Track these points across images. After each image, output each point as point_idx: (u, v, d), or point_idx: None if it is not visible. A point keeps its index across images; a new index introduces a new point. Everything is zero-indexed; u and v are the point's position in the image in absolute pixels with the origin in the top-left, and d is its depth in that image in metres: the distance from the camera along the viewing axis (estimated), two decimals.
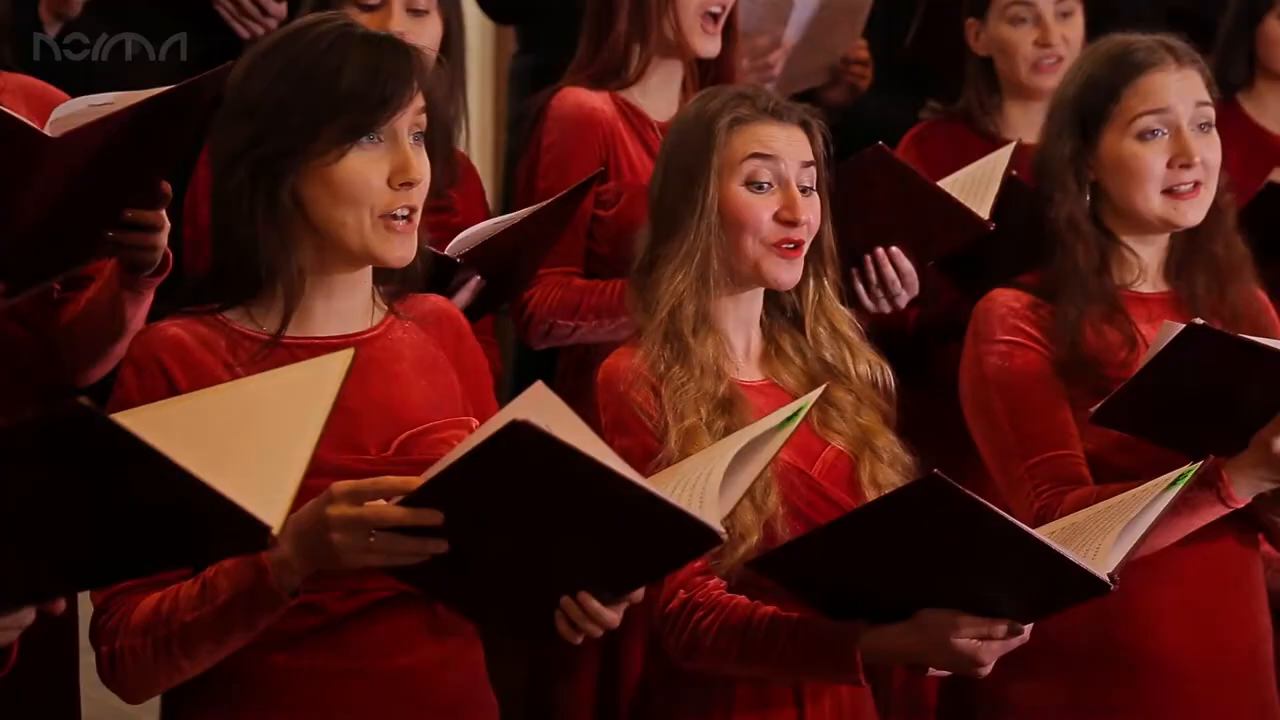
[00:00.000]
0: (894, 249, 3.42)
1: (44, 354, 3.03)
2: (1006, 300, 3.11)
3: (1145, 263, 3.15)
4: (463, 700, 2.54)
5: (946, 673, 2.70)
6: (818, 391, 2.72)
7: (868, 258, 3.41)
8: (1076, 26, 3.90)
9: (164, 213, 2.82)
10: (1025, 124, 3.88)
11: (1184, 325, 2.83)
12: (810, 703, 2.79)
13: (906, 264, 3.43)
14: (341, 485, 2.29)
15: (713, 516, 2.38)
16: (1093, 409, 2.95)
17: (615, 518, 2.30)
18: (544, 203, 3.31)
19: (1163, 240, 3.17)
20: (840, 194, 2.99)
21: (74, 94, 2.78)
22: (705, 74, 3.63)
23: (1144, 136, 3.09)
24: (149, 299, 2.94)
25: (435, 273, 3.00)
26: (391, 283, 2.56)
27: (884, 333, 3.08)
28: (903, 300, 3.45)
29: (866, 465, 2.83)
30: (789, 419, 2.56)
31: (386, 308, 2.57)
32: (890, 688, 3.05)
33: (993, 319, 3.10)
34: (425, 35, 3.39)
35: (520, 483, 2.25)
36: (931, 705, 3.44)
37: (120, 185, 2.76)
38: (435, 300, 2.65)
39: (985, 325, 3.10)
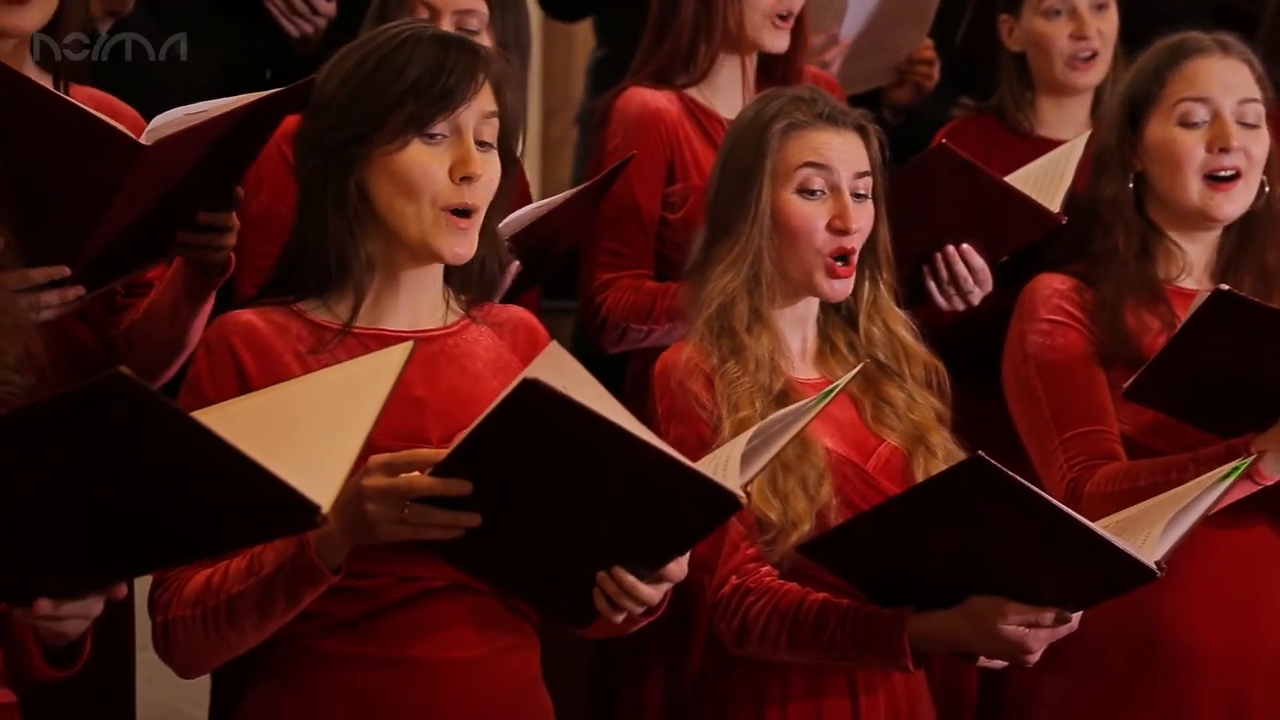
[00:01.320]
0: (965, 246, 3.40)
1: (106, 357, 3.06)
2: (1052, 283, 3.17)
3: (1190, 259, 3.18)
4: (514, 697, 2.54)
5: (997, 662, 2.71)
6: (855, 371, 2.73)
7: (938, 255, 3.40)
8: (1111, 20, 3.88)
9: (234, 214, 2.87)
10: (1059, 120, 3.88)
11: (1212, 290, 2.84)
12: (864, 693, 2.80)
13: (978, 260, 3.41)
14: (377, 458, 2.32)
15: (732, 481, 2.38)
16: (1125, 384, 2.97)
17: (633, 481, 2.31)
18: (580, 186, 3.32)
19: (1210, 239, 3.19)
20: (907, 193, 3.00)
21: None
22: (772, 72, 3.62)
23: (1186, 122, 3.13)
24: (210, 302, 2.98)
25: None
26: (470, 290, 2.60)
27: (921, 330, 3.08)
28: (976, 297, 3.42)
29: (920, 461, 2.85)
30: (824, 396, 2.57)
31: (463, 311, 2.60)
32: (931, 679, 3.06)
33: (1038, 299, 3.15)
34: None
35: (539, 445, 2.26)
36: (973, 702, 3.45)
37: (199, 189, 2.82)
38: (515, 310, 2.68)
39: (1030, 305, 3.16)
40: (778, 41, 3.56)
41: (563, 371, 2.25)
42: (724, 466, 2.42)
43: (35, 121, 2.62)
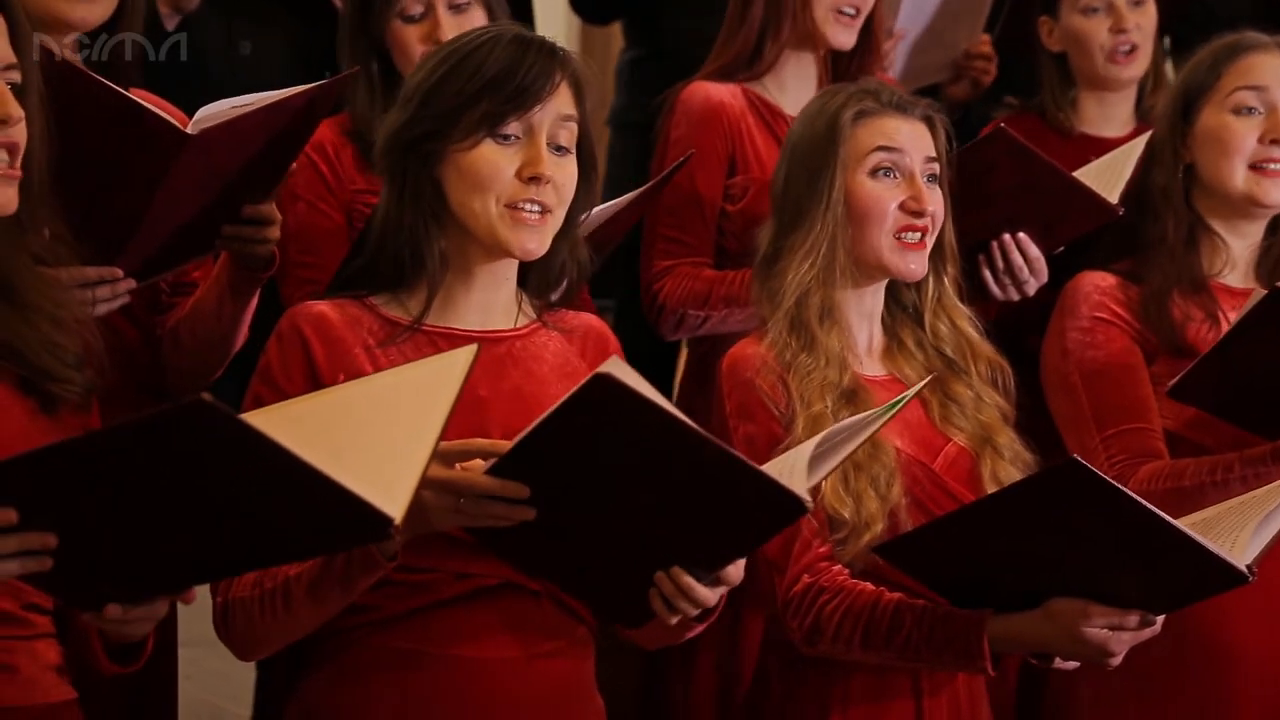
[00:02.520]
0: (1021, 235, 3.39)
1: (151, 355, 3.08)
2: (1094, 280, 3.19)
3: (1234, 255, 3.21)
4: (565, 698, 2.54)
5: (1071, 664, 2.70)
6: (926, 381, 2.73)
7: (994, 244, 3.40)
8: (1149, 14, 3.89)
9: (275, 208, 2.89)
10: (1102, 117, 3.89)
11: (1267, 291, 2.85)
12: (928, 695, 2.79)
13: (1034, 250, 3.39)
14: None
15: (799, 484, 2.37)
16: (1171, 382, 2.97)
17: (698, 481, 2.30)
18: (641, 189, 3.34)
19: (1255, 234, 3.22)
20: (963, 179, 3.00)
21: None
22: (841, 72, 3.62)
23: (1239, 111, 3.16)
24: (254, 299, 2.99)
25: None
26: (549, 293, 2.61)
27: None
28: (1031, 288, 3.41)
29: (988, 462, 2.84)
30: (894, 405, 2.58)
31: (534, 316, 2.61)
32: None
33: (1080, 297, 3.17)
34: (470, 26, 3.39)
35: (604, 442, 2.26)
36: (1012, 702, 3.45)
37: (243, 182, 2.84)
38: (587, 317, 2.68)
39: (1072, 302, 3.18)
40: (843, 36, 3.57)
41: (629, 379, 2.23)
42: (791, 469, 2.41)
43: (85, 111, 2.63)
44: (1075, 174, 3.40)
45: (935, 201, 2.87)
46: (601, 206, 3.28)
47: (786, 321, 2.83)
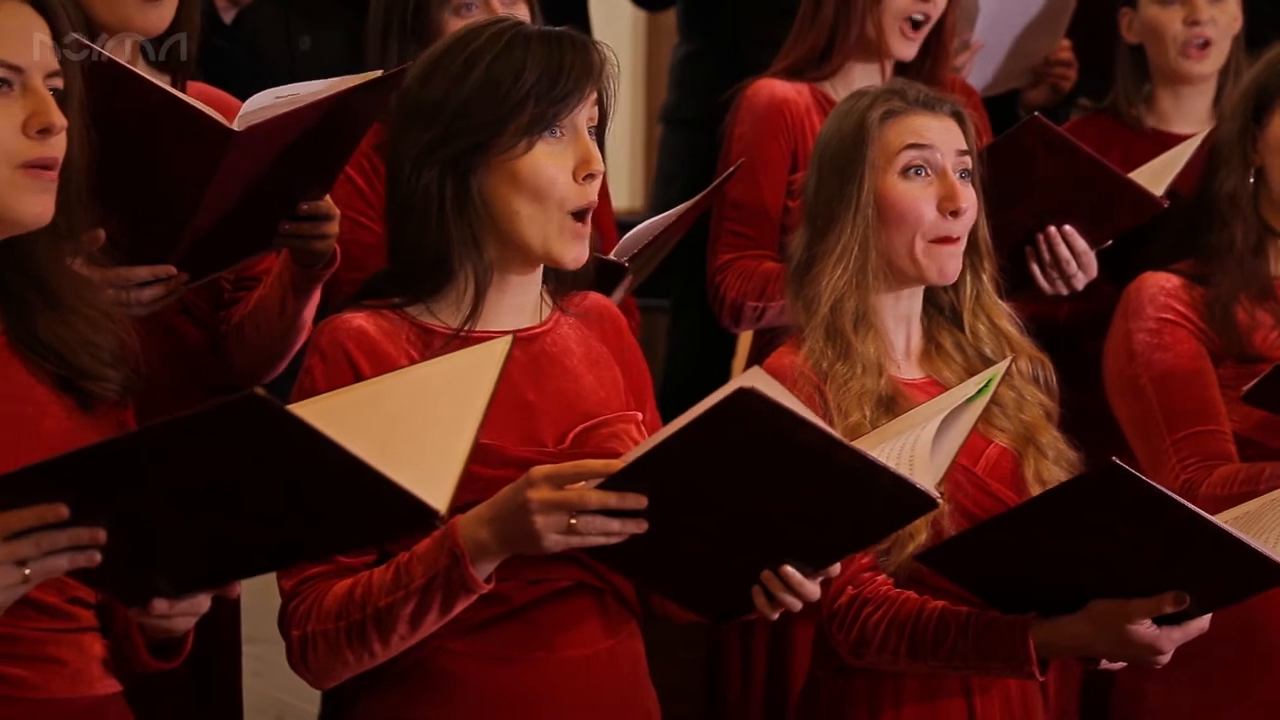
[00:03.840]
0: (1067, 228, 3.37)
1: (212, 354, 3.10)
2: (1158, 281, 3.14)
3: None
4: (628, 692, 2.56)
5: (1117, 664, 2.68)
6: (1007, 362, 2.72)
7: (1041, 237, 3.38)
8: (1229, 10, 3.84)
9: (332, 203, 2.89)
10: (1176, 114, 3.84)
11: None
12: (979, 695, 2.78)
13: (1081, 243, 3.38)
14: (541, 469, 2.31)
15: (928, 481, 2.37)
16: (1245, 389, 2.93)
17: (832, 487, 2.31)
18: (696, 198, 3.33)
19: None
20: (1005, 171, 2.98)
21: None
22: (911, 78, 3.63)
23: None
24: (317, 294, 3.00)
25: (602, 275, 3.04)
26: (561, 283, 2.59)
27: (1035, 326, 3.06)
28: (1079, 281, 3.40)
29: (1031, 462, 2.82)
30: (982, 389, 2.56)
31: (552, 304, 2.60)
32: (1045, 685, 3.04)
33: (1144, 298, 3.13)
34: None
35: (737, 455, 2.26)
36: (1077, 704, 3.43)
37: (298, 178, 2.84)
38: (595, 297, 2.66)
39: (1136, 303, 3.13)
40: (905, 48, 3.57)
41: (767, 386, 2.25)
42: (912, 462, 2.41)
43: (131, 110, 2.65)
44: (1132, 173, 3.38)
45: (969, 198, 2.84)
46: (647, 223, 3.29)
47: (822, 329, 2.81)
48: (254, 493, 2.05)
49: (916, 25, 3.58)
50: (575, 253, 2.49)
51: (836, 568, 2.44)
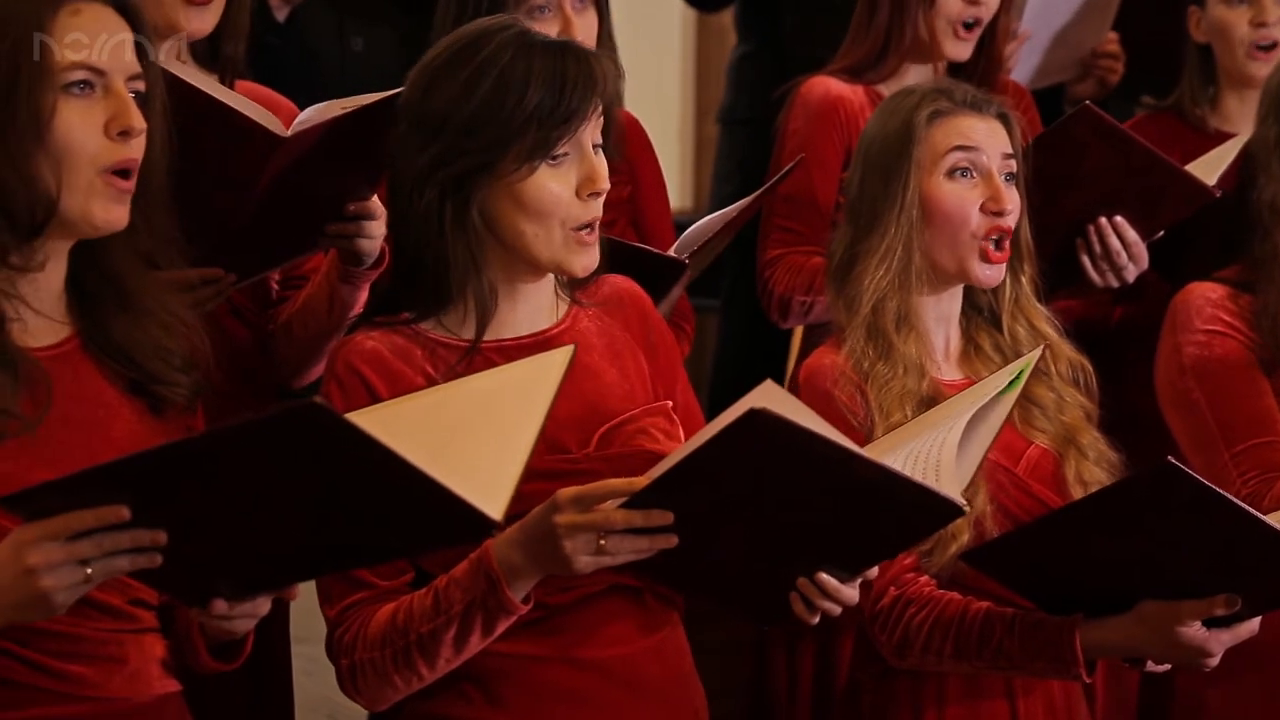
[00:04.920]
0: (1118, 219, 3.35)
1: (261, 354, 3.10)
2: (1204, 291, 3.09)
3: None
4: (672, 688, 2.56)
5: (1162, 666, 2.67)
6: (1038, 351, 2.71)
7: (1091, 228, 3.36)
8: None
9: (379, 202, 2.89)
10: (1241, 116, 3.79)
11: None
12: (1022, 696, 2.77)
13: (1132, 234, 3.36)
14: (567, 492, 2.31)
15: (953, 489, 2.36)
16: None
17: (855, 498, 2.31)
18: (754, 194, 3.33)
19: None
20: (1055, 161, 2.96)
21: None
22: (966, 79, 3.62)
23: None
24: (364, 292, 3.00)
25: (661, 272, 3.03)
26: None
27: (1086, 327, 3.04)
28: (1130, 274, 3.38)
29: (1072, 463, 2.81)
30: (1012, 382, 2.54)
31: (568, 299, 2.59)
32: (1093, 686, 3.02)
33: (1191, 309, 3.08)
34: (590, 28, 3.37)
35: (756, 472, 2.26)
36: (1133, 707, 3.40)
37: (345, 180, 2.86)
38: (614, 280, 2.64)
39: (1183, 316, 3.08)
40: (958, 50, 3.57)
41: (777, 401, 2.23)
42: (938, 469, 2.40)
43: (180, 115, 2.66)
44: (1187, 166, 3.35)
45: (1014, 200, 2.83)
46: (705, 220, 3.28)
47: (863, 329, 2.80)
48: (312, 499, 2.07)
49: (968, 27, 3.58)
50: (584, 262, 2.48)
51: (875, 570, 2.44)
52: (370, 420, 2.10)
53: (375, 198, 2.91)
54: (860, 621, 2.78)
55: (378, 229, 2.91)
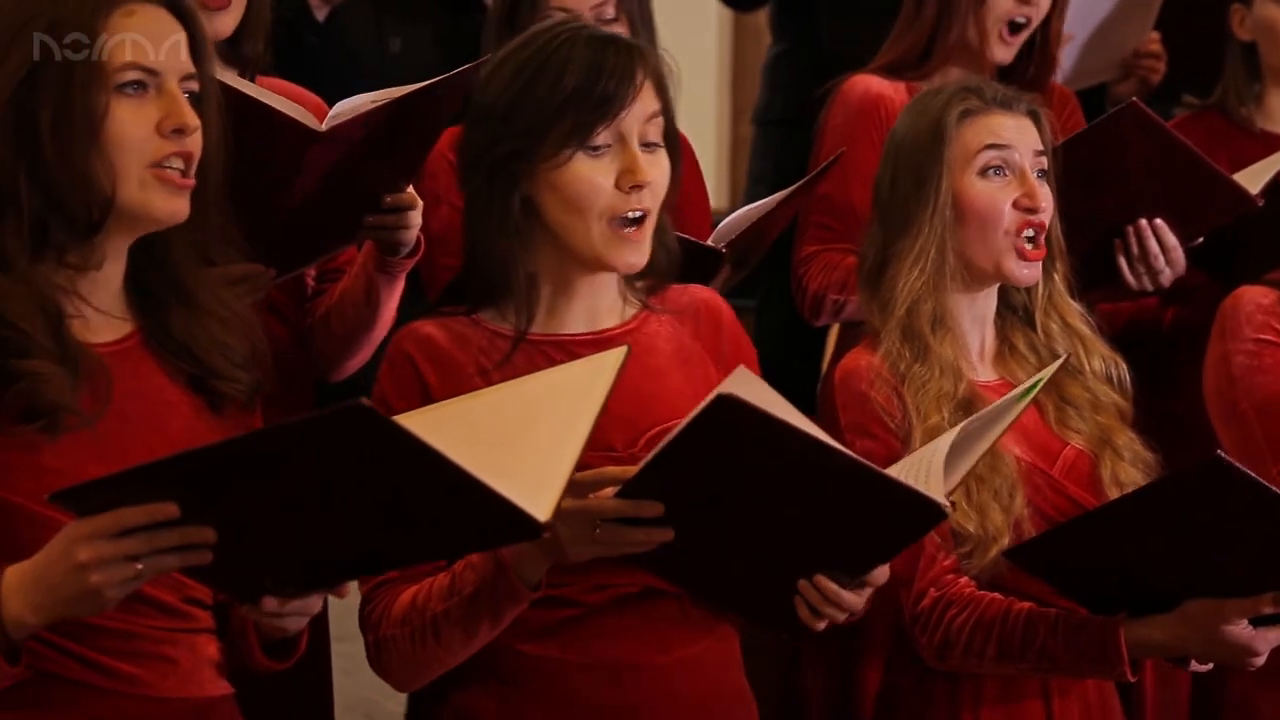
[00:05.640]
0: (1157, 221, 3.33)
1: (299, 351, 3.11)
2: (1254, 297, 3.05)
3: None
4: (715, 698, 2.54)
5: (1205, 666, 2.66)
6: (1058, 362, 2.70)
7: (1130, 229, 3.35)
8: None
9: (415, 193, 2.90)
10: None
11: None
12: (1058, 697, 2.77)
13: (1171, 238, 3.34)
14: None
15: (936, 489, 2.35)
16: None
17: (832, 494, 2.29)
18: (795, 185, 3.33)
19: None
20: (1096, 158, 2.95)
21: None
22: (1016, 80, 3.61)
23: None
24: (401, 284, 3.03)
25: (698, 262, 3.02)
26: (646, 277, 2.58)
27: (1137, 330, 3.03)
28: (1166, 277, 3.36)
29: (1107, 464, 2.80)
30: (1024, 393, 2.53)
31: (640, 303, 2.58)
32: (1142, 688, 3.01)
33: (1240, 316, 3.04)
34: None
35: (733, 460, 2.25)
36: (1185, 708, 3.38)
37: (382, 173, 2.87)
38: (695, 291, 2.64)
39: (1233, 323, 3.04)
40: (1002, 52, 3.56)
41: (751, 389, 2.24)
42: (926, 473, 2.38)
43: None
44: (1238, 174, 3.33)
45: (1046, 197, 2.83)
46: (745, 209, 3.27)
47: (899, 331, 2.80)
48: (359, 499, 2.08)
49: (1016, 29, 3.56)
50: (626, 258, 2.47)
51: (881, 575, 2.40)
52: (419, 421, 2.11)
53: (411, 188, 2.92)
54: (896, 625, 2.77)
55: (415, 218, 2.93)
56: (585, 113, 2.42)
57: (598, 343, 2.49)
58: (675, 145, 2.52)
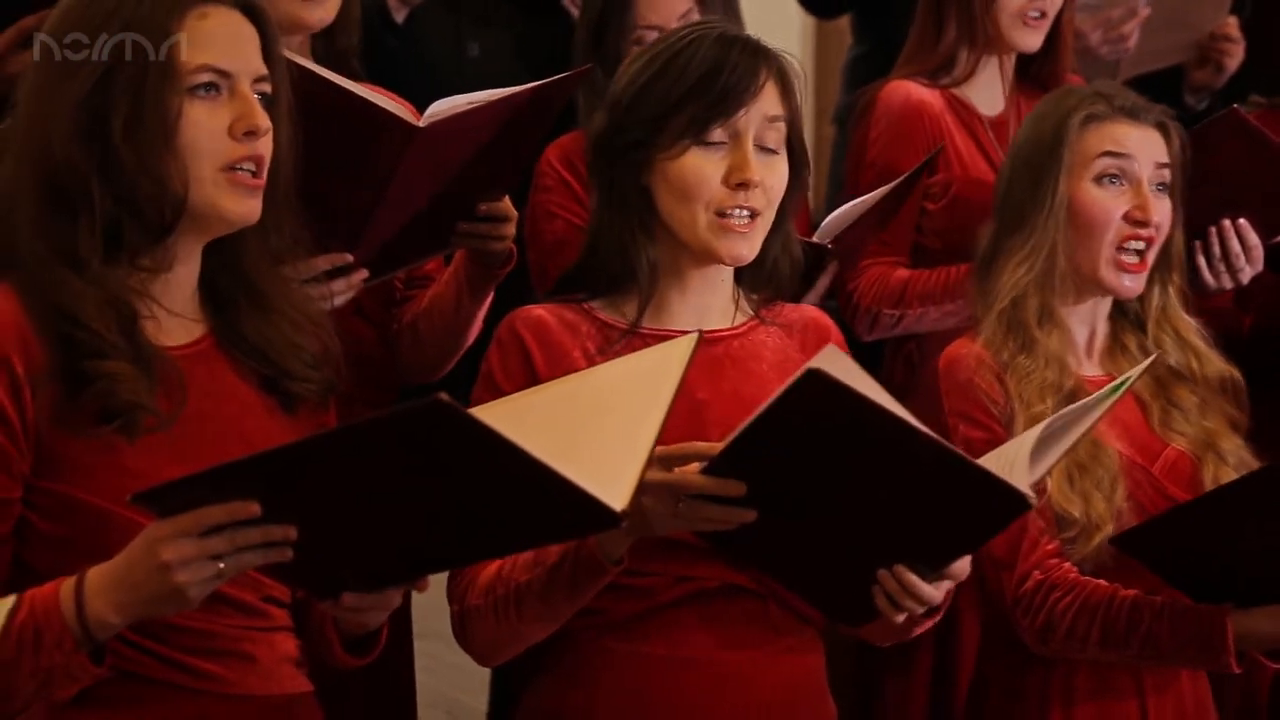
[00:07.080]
0: (1241, 221, 3.33)
1: (385, 353, 3.13)
2: None
3: None
4: (793, 702, 2.53)
5: None
6: (1147, 362, 2.68)
7: (1213, 230, 3.33)
8: None
9: (511, 204, 2.90)
10: None
11: None
12: (1153, 695, 2.76)
13: (1253, 238, 3.33)
14: (657, 450, 2.30)
15: (1021, 480, 2.33)
16: None
17: (916, 478, 2.28)
18: (897, 180, 3.34)
19: None
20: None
21: None
22: (1030, 74, 3.62)
23: None
24: (490, 293, 3.03)
25: (808, 259, 3.03)
26: (762, 290, 2.60)
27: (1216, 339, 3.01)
28: (1245, 276, 3.35)
29: (1210, 468, 2.79)
30: (1114, 390, 2.52)
31: (752, 313, 2.60)
32: (1227, 687, 2.99)
33: None
34: None
35: (819, 439, 2.25)
36: (1264, 703, 3.37)
37: (478, 178, 2.87)
38: (807, 309, 2.66)
39: None
40: (1029, 39, 3.55)
41: (843, 371, 2.23)
42: (1012, 464, 2.37)
43: (315, 110, 2.68)
44: None
45: (1162, 212, 2.81)
46: (844, 209, 3.27)
47: (1002, 322, 2.80)
48: (437, 493, 2.08)
49: (1037, 16, 3.54)
50: (732, 249, 2.48)
51: (961, 569, 2.38)
52: (496, 414, 2.12)
53: (506, 199, 2.93)
54: (984, 616, 2.77)
55: (509, 229, 2.93)
56: (703, 107, 2.45)
57: (705, 341, 2.47)
58: (799, 155, 2.54)
